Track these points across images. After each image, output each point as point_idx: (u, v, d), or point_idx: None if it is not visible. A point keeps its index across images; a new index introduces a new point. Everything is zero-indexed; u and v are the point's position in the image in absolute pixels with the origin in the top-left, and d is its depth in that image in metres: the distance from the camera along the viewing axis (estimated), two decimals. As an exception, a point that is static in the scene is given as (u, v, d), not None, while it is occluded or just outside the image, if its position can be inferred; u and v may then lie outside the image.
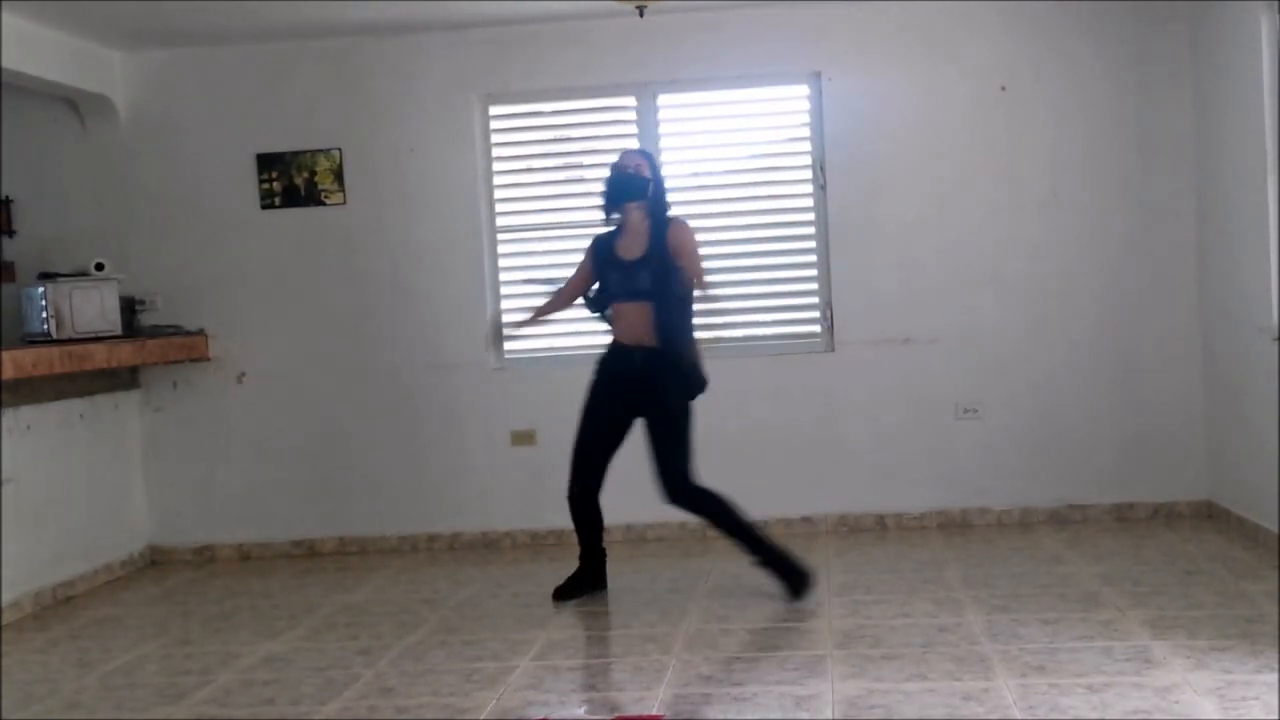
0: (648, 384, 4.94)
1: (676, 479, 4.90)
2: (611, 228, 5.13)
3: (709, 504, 4.94)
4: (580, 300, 5.22)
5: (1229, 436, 5.87)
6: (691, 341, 5.02)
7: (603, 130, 6.43)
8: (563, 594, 5.11)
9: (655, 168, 5.13)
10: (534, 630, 4.71)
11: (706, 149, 6.37)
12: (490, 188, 6.43)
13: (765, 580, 5.00)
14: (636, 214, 5.04)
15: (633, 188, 5.02)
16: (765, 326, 6.39)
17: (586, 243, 6.32)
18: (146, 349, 6.04)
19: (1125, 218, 6.13)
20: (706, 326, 6.13)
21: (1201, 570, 5.08)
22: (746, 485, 5.19)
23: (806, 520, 6.24)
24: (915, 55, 6.18)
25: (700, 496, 4.93)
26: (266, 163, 6.42)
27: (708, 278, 5.01)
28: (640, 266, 4.97)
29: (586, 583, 5.16)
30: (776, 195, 6.33)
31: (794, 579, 4.92)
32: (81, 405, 6.00)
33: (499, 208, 6.44)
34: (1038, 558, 5.47)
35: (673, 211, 5.14)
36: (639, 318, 4.96)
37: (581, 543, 5.18)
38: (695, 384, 4.96)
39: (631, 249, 5.02)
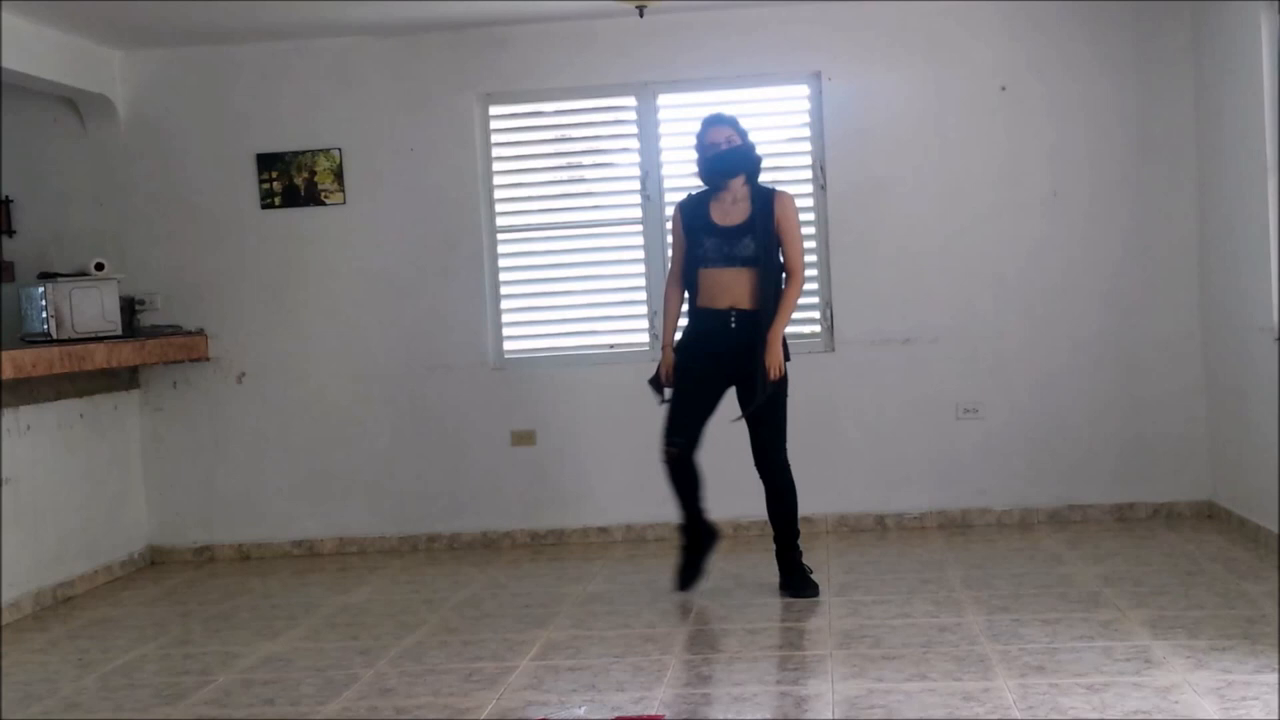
0: (745, 348, 4.88)
1: (773, 448, 4.97)
2: (695, 191, 5.09)
3: (789, 487, 5.04)
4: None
5: (1230, 436, 5.86)
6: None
7: (603, 130, 6.43)
8: (688, 578, 5.08)
9: (743, 131, 5.01)
10: (534, 630, 4.71)
11: (707, 149, 6.37)
12: (490, 188, 6.42)
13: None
14: (736, 181, 4.97)
15: (735, 162, 4.95)
16: (765, 326, 6.38)
17: (586, 242, 6.38)
18: (146, 349, 6.03)
19: (1126, 217, 6.13)
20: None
21: (1202, 570, 5.07)
22: (747, 485, 5.17)
23: (806, 520, 6.16)
24: (915, 55, 6.18)
25: (787, 475, 5.03)
26: (266, 162, 6.42)
27: (805, 260, 4.97)
28: (743, 233, 4.90)
29: (702, 549, 5.09)
30: (777, 195, 6.33)
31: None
32: (81, 405, 5.99)
33: (499, 208, 6.43)
34: (1038, 558, 5.46)
35: (774, 182, 5.07)
36: (736, 283, 4.89)
37: (684, 510, 5.03)
38: (786, 355, 5.01)
39: (731, 215, 4.94)
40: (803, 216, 6.22)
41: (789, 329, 6.08)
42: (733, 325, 4.91)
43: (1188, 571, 5.07)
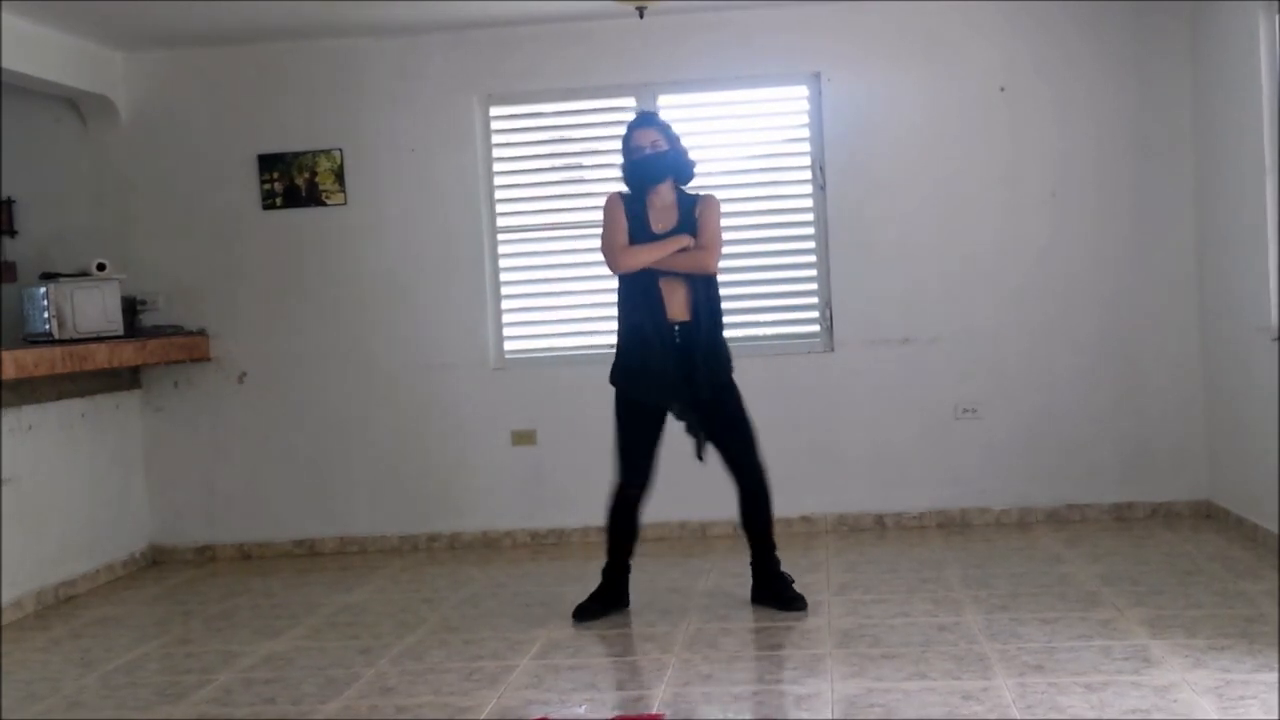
0: (688, 361, 4.71)
1: (749, 451, 4.79)
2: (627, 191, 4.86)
3: (768, 490, 4.83)
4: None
5: (1228, 436, 5.87)
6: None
7: (603, 131, 6.43)
8: (585, 613, 4.85)
9: (673, 136, 4.84)
10: (534, 629, 4.72)
11: (706, 149, 6.35)
12: (490, 188, 6.44)
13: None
14: (663, 186, 4.81)
15: (661, 167, 4.78)
16: (765, 326, 6.40)
17: (586, 243, 6.36)
18: (148, 349, 6.05)
19: (1125, 217, 6.14)
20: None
21: (1200, 570, 5.08)
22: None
23: (806, 520, 6.25)
24: (915, 55, 6.19)
25: (766, 476, 4.82)
26: (268, 163, 6.43)
27: (719, 263, 4.77)
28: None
29: (610, 600, 4.90)
30: (776, 195, 6.34)
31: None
32: (83, 405, 6.01)
33: (499, 208, 6.44)
34: (1037, 557, 5.47)
35: (698, 184, 4.91)
36: (676, 293, 4.71)
37: (611, 553, 4.89)
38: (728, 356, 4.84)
39: (664, 221, 4.77)
40: (803, 217, 6.32)
41: (780, 329, 6.15)
42: (677, 340, 4.71)
43: (1186, 571, 5.08)
